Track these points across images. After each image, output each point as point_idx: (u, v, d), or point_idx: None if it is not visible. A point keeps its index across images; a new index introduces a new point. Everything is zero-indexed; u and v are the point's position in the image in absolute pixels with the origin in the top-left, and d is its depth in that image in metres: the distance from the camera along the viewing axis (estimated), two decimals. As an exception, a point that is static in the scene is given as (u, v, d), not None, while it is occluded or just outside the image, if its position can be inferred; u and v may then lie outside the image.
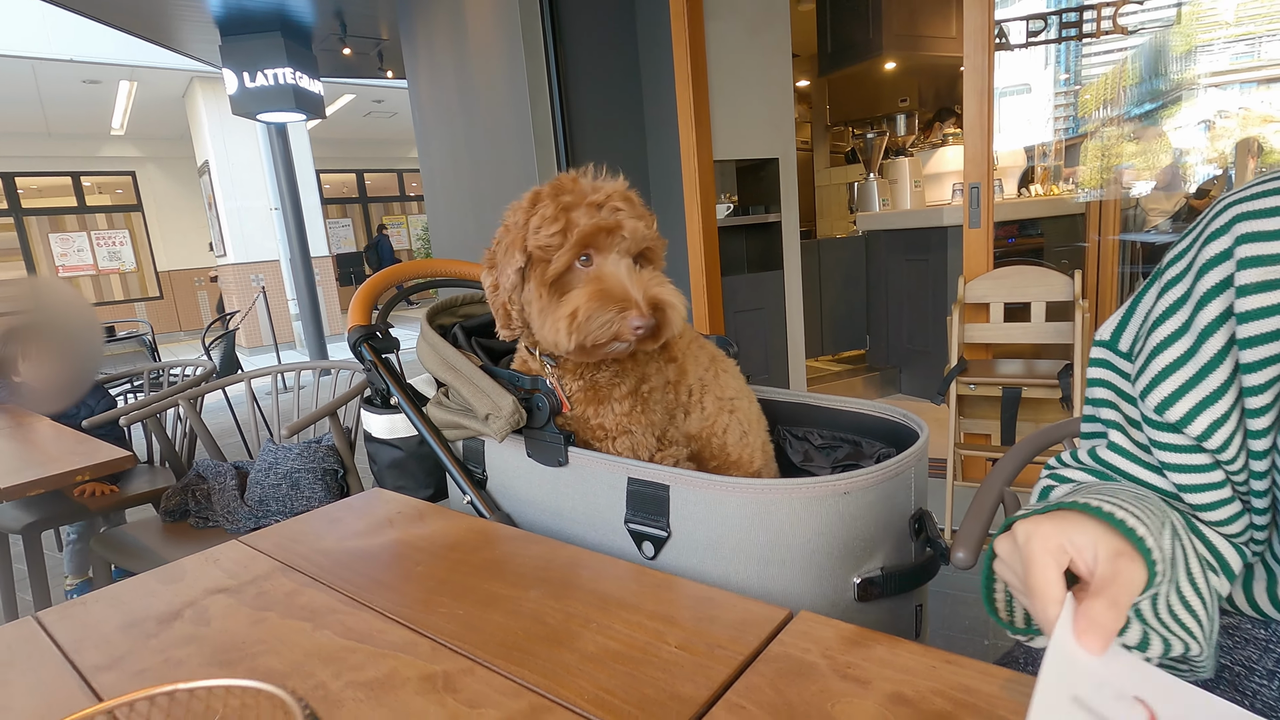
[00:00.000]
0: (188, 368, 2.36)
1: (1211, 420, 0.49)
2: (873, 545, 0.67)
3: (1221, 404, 0.48)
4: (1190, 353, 0.49)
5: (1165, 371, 0.50)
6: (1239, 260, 0.46)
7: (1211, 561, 0.52)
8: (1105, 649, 0.37)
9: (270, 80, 5.37)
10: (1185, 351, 0.49)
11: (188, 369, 2.34)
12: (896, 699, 0.45)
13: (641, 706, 0.47)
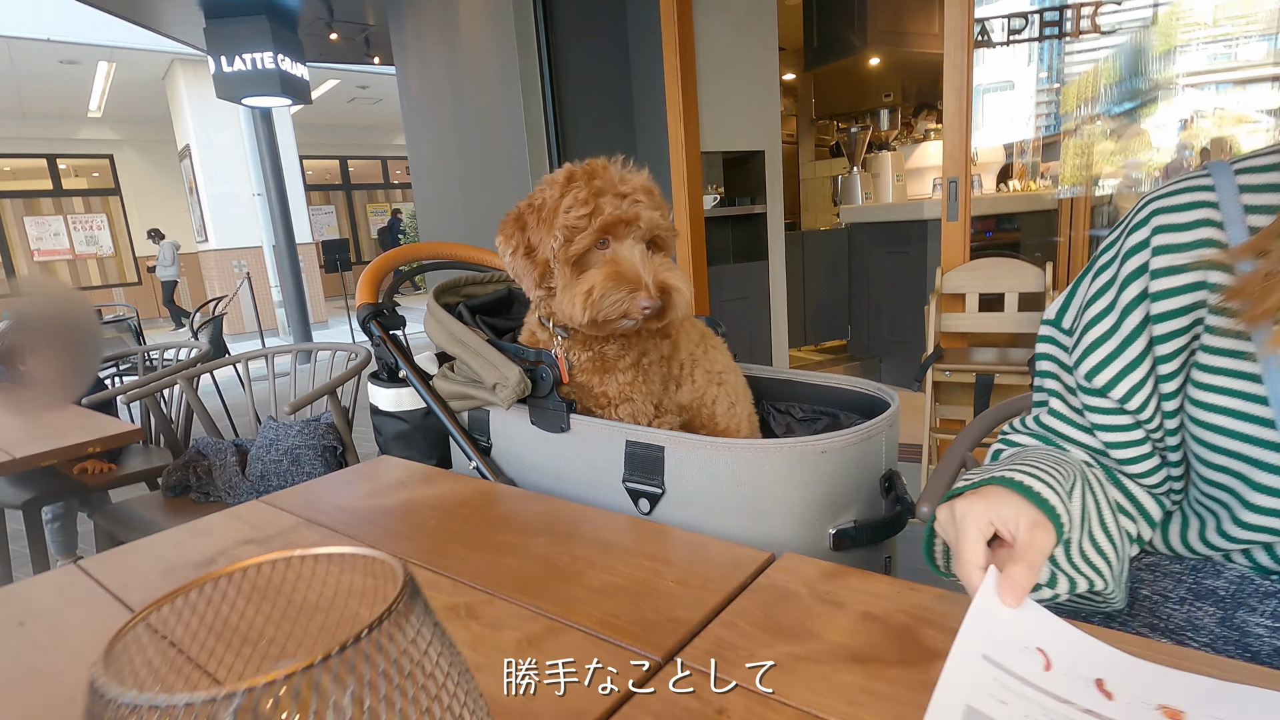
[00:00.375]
0: (181, 350, 2.39)
1: (1130, 385, 0.57)
2: (847, 500, 0.74)
3: (1139, 371, 0.56)
4: (1114, 328, 0.57)
5: (1093, 344, 0.58)
6: (1154, 248, 0.55)
7: (1130, 510, 0.60)
8: (1020, 603, 0.46)
9: (255, 64, 5.33)
10: (1110, 327, 0.57)
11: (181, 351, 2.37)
12: (866, 616, 0.53)
13: (643, 627, 0.54)
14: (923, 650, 0.48)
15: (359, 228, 13.75)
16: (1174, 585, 0.59)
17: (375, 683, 0.23)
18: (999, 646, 0.43)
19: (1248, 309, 0.49)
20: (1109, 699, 0.40)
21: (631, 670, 0.48)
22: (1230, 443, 0.53)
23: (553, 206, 0.80)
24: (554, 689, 0.47)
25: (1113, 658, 0.43)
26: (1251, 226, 0.51)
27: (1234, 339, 0.51)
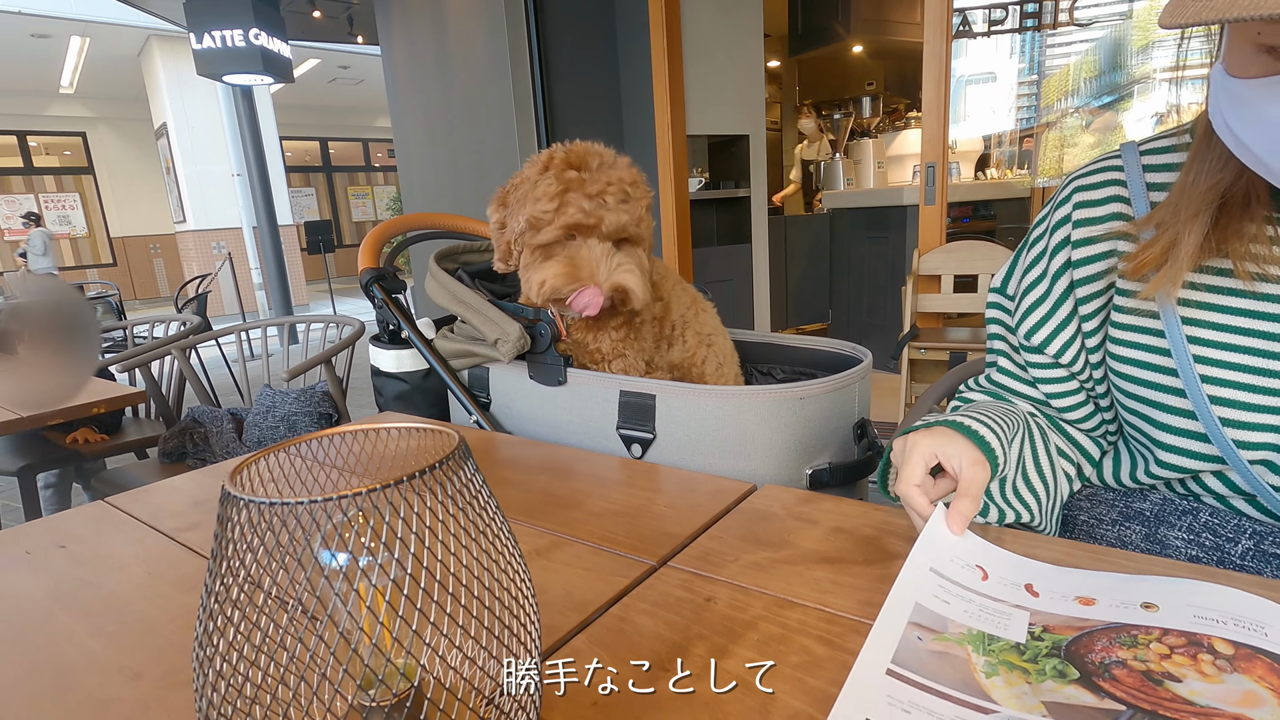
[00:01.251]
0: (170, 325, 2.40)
1: (1062, 342, 0.65)
2: (822, 444, 0.81)
3: (1068, 330, 0.64)
4: (1046, 293, 0.65)
5: (1030, 308, 0.66)
6: (1074, 221, 0.63)
7: (1070, 452, 0.68)
8: (963, 530, 0.53)
9: (236, 41, 5.26)
10: (1043, 292, 0.65)
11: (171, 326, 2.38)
12: (836, 530, 0.60)
13: (640, 540, 0.60)
14: (884, 553, 0.55)
15: (340, 211, 13.60)
16: (1107, 510, 0.67)
17: (445, 503, 0.30)
18: (945, 563, 0.50)
19: (1135, 266, 0.57)
20: (1035, 596, 0.48)
21: (631, 573, 0.55)
22: (1141, 390, 0.61)
23: (526, 191, 0.84)
24: (564, 584, 0.54)
25: (1041, 568, 0.51)
26: (1152, 201, 0.59)
27: (1139, 283, 0.59)
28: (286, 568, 0.28)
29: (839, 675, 0.41)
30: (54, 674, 0.46)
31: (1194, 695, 0.36)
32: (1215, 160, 0.53)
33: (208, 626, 0.29)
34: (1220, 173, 0.53)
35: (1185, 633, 0.41)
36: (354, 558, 0.30)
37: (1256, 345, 0.54)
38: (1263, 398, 0.54)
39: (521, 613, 0.34)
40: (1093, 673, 0.39)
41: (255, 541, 0.28)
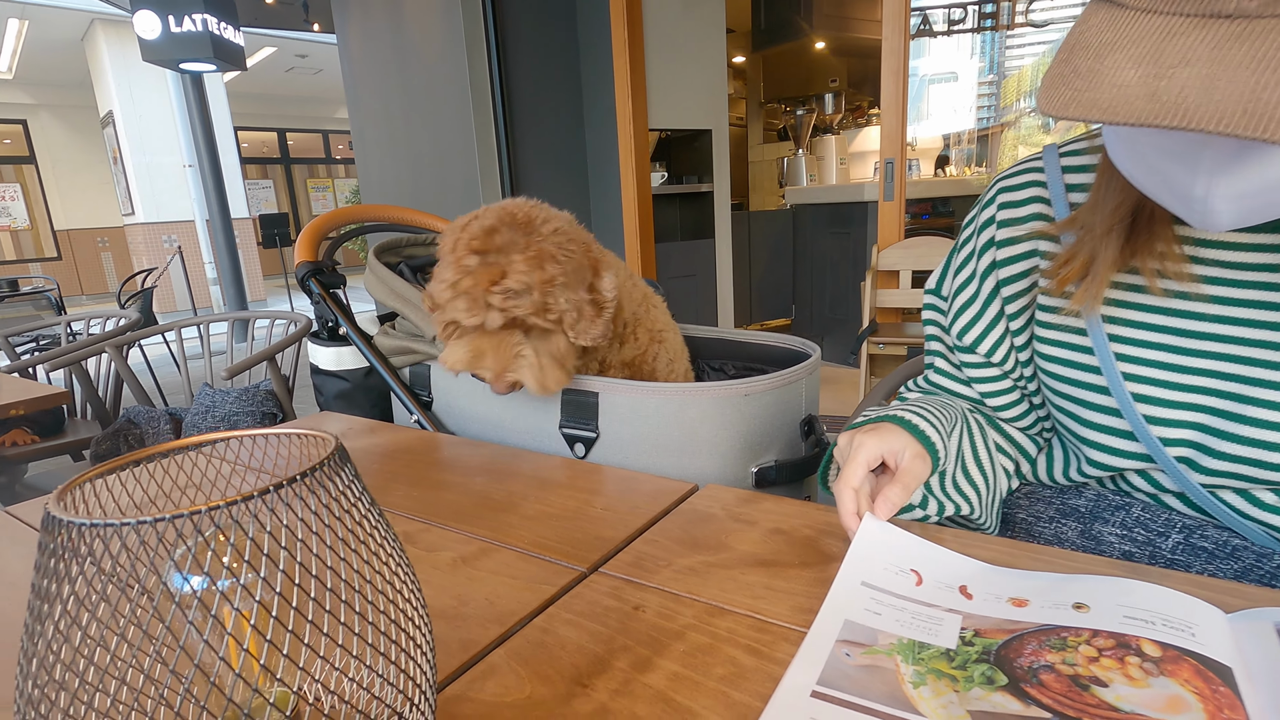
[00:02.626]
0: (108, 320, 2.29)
1: (992, 342, 0.65)
2: (768, 441, 0.80)
3: (997, 329, 0.65)
4: (975, 294, 0.65)
5: (961, 308, 0.66)
6: (998, 222, 0.63)
7: (1008, 449, 0.68)
8: (888, 516, 0.53)
9: (185, 26, 5.06)
10: (973, 293, 0.65)
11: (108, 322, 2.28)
12: (775, 531, 0.58)
13: (573, 545, 0.58)
14: (821, 555, 0.54)
15: (299, 203, 13.25)
16: (1045, 508, 0.67)
17: (320, 513, 0.27)
18: (877, 573, 0.49)
19: (1055, 278, 0.58)
20: (969, 599, 0.46)
21: (559, 580, 0.52)
22: (1068, 388, 0.61)
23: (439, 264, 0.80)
24: (487, 593, 0.51)
25: (976, 568, 0.50)
26: (1072, 203, 0.59)
27: (1063, 299, 0.59)
28: (126, 596, 0.25)
29: (765, 688, 0.39)
30: (-86, 706, 0.42)
31: (1119, 701, 0.35)
32: (1119, 179, 0.52)
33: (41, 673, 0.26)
34: (1124, 192, 0.53)
35: (1114, 634, 0.40)
36: (211, 580, 0.27)
37: (1176, 343, 0.55)
38: (1182, 394, 0.54)
39: (411, 627, 0.31)
40: (1021, 679, 0.38)
41: (76, 570, 0.24)
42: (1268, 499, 0.55)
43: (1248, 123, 0.32)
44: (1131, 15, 0.38)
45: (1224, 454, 0.54)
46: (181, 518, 0.24)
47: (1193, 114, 0.34)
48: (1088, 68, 0.38)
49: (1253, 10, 0.34)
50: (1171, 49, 0.35)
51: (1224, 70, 0.34)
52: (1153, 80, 0.35)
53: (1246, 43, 0.34)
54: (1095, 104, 0.36)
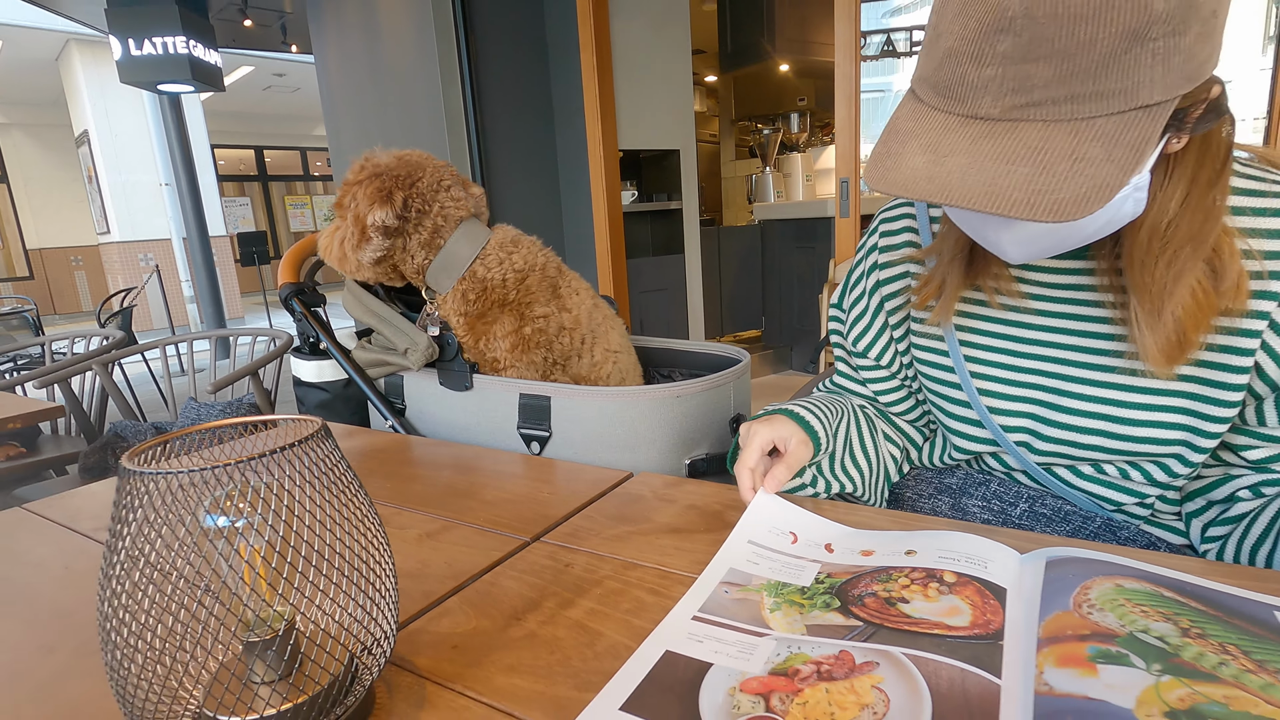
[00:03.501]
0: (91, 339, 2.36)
1: (880, 348, 0.78)
2: (700, 436, 0.91)
3: (883, 338, 0.77)
4: (865, 308, 0.78)
5: (855, 320, 0.79)
6: (880, 248, 0.76)
7: (897, 438, 0.80)
8: (776, 490, 0.64)
9: (163, 49, 5.13)
10: (864, 308, 0.78)
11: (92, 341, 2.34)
12: (690, 507, 0.69)
13: (522, 521, 0.69)
14: (722, 523, 0.65)
15: (277, 220, 13.24)
16: (925, 486, 0.79)
17: (308, 471, 0.38)
18: (762, 534, 0.61)
19: (918, 297, 0.70)
20: (830, 553, 0.58)
21: (506, 548, 0.63)
22: (934, 385, 0.73)
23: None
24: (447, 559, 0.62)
25: (841, 530, 0.62)
26: (934, 233, 0.71)
27: (926, 311, 0.72)
28: (173, 528, 0.36)
29: (660, 617, 0.50)
30: (-25, 652, 0.52)
31: (913, 612, 0.47)
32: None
33: (110, 588, 0.37)
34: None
35: (927, 569, 0.52)
36: (231, 520, 0.38)
37: (1011, 348, 0.67)
38: (1017, 389, 0.67)
39: (379, 566, 0.42)
40: (850, 602, 0.49)
41: (139, 507, 0.35)
42: (1087, 471, 0.68)
43: (989, 202, 0.45)
44: (926, 109, 0.50)
45: (1051, 437, 0.67)
46: (211, 469, 0.35)
47: (954, 194, 0.46)
48: (894, 150, 0.50)
49: (995, 114, 0.47)
50: (945, 141, 0.48)
51: (975, 161, 0.46)
52: (932, 165, 0.47)
53: (991, 140, 0.46)
54: (895, 182, 0.49)
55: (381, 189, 0.96)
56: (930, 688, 0.39)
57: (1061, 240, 0.55)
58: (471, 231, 1.03)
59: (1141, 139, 0.45)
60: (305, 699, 0.40)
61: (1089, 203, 0.44)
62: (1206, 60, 0.45)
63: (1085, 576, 0.47)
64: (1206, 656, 0.36)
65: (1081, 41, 0.43)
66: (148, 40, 5.11)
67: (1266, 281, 0.55)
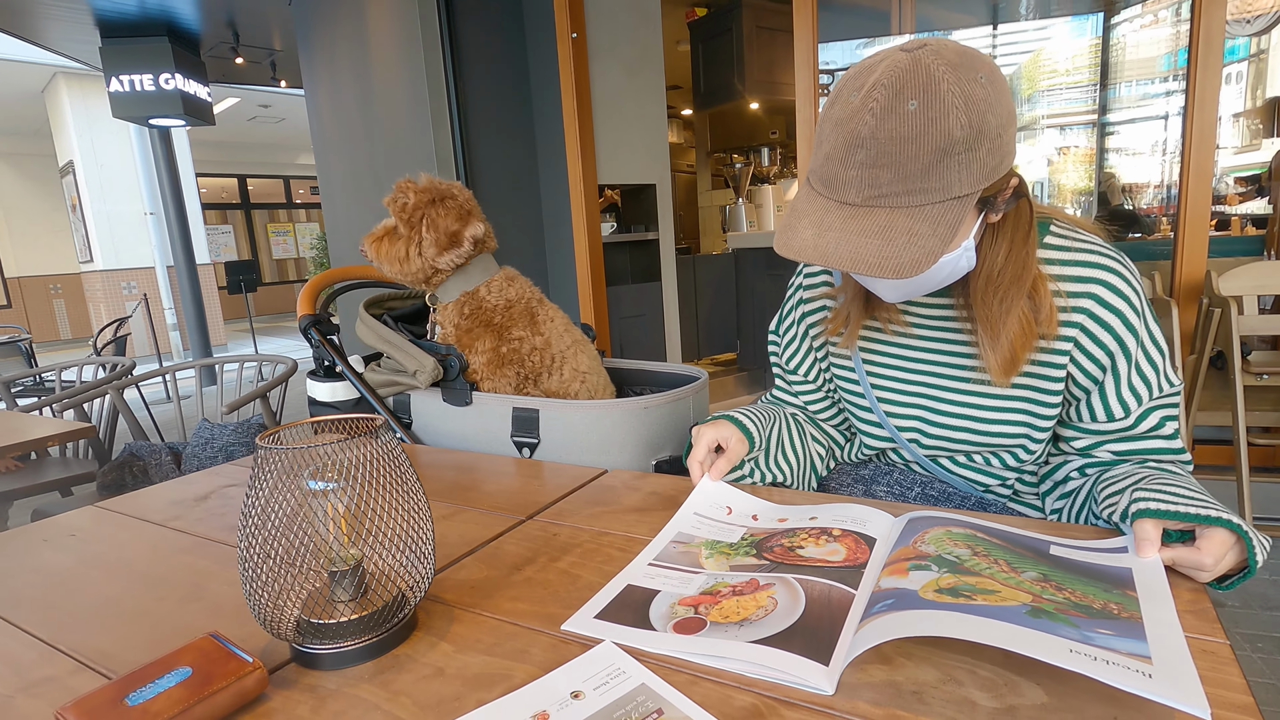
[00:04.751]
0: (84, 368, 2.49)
1: (807, 366, 0.97)
2: (664, 441, 1.09)
3: (809, 359, 0.96)
4: (795, 334, 0.97)
5: (788, 343, 0.98)
6: (804, 285, 0.95)
7: (823, 439, 0.99)
8: (718, 479, 0.82)
9: (155, 85, 5.30)
10: (794, 334, 0.97)
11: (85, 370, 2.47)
12: (652, 494, 0.87)
13: (517, 506, 0.86)
14: (676, 504, 0.83)
15: (259, 249, 13.31)
16: (845, 477, 0.97)
17: (376, 457, 0.55)
18: (705, 507, 0.79)
19: (831, 326, 0.89)
20: (755, 520, 0.76)
21: (506, 524, 0.80)
22: (847, 395, 0.92)
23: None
24: (460, 532, 0.79)
25: (766, 505, 0.80)
26: (843, 277, 0.90)
27: (837, 337, 0.91)
28: (288, 488, 0.53)
29: (625, 567, 0.68)
30: (102, 603, 0.68)
31: (805, 554, 0.65)
32: None
33: (247, 528, 0.53)
34: None
35: (821, 528, 0.70)
36: (326, 486, 0.55)
37: (901, 365, 0.87)
38: (906, 397, 0.86)
39: (422, 526, 0.59)
40: (763, 551, 0.67)
41: (266, 474, 0.52)
42: (961, 460, 0.87)
43: (853, 265, 0.64)
44: (814, 195, 0.70)
45: (933, 435, 0.86)
46: (313, 448, 0.52)
47: (831, 259, 0.65)
48: (793, 225, 0.69)
49: (858, 202, 0.66)
50: (826, 219, 0.67)
51: (846, 236, 0.65)
52: (816, 238, 0.67)
53: (855, 220, 0.66)
54: (792, 248, 0.68)
55: (461, 210, 1.20)
56: (805, 593, 0.57)
57: (919, 286, 0.74)
58: (486, 263, 1.25)
59: (956, 219, 0.64)
60: (369, 613, 0.56)
61: (920, 265, 0.63)
62: (998, 165, 0.65)
63: (928, 526, 0.65)
64: (979, 563, 0.55)
65: (909, 156, 0.63)
66: (141, 77, 5.28)
67: (1070, 314, 0.75)
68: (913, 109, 0.62)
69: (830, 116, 0.67)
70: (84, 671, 0.56)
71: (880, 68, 0.64)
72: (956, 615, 0.45)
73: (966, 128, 0.62)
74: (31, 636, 0.62)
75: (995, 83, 0.64)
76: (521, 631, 0.58)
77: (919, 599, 0.49)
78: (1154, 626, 0.46)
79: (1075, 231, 0.78)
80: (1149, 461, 0.76)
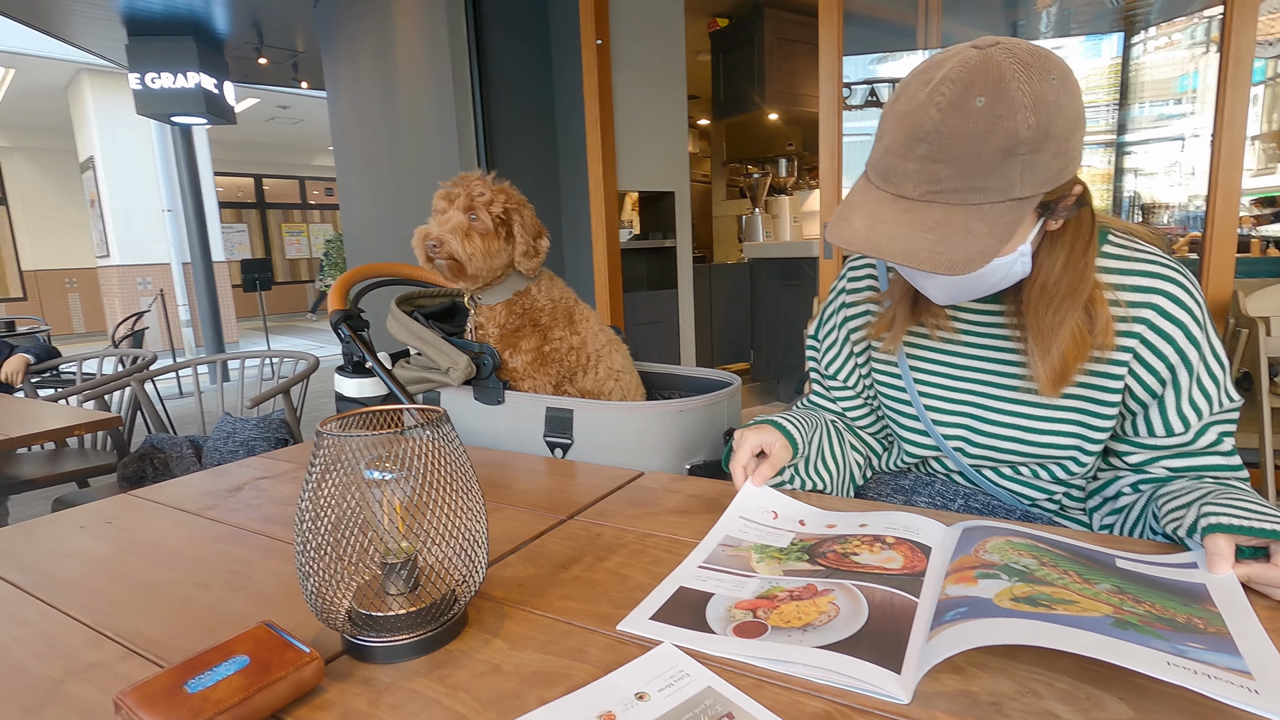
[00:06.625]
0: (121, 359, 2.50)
1: (847, 372, 0.95)
2: (698, 445, 1.08)
3: (850, 364, 0.95)
4: (835, 339, 0.96)
5: (828, 349, 0.97)
6: (847, 290, 0.94)
7: (861, 447, 0.97)
8: (761, 483, 0.81)
9: (180, 84, 5.35)
10: (834, 339, 0.96)
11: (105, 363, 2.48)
12: (693, 496, 0.86)
13: (555, 503, 0.85)
14: (718, 507, 0.82)
15: (273, 248, 13.41)
16: (883, 487, 0.96)
17: (436, 448, 0.54)
18: (750, 511, 0.78)
19: (875, 330, 0.88)
20: (803, 525, 0.75)
21: (548, 522, 0.79)
22: (889, 402, 0.91)
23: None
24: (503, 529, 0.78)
25: (811, 510, 0.78)
26: (890, 279, 0.89)
27: (879, 341, 0.90)
28: (346, 476, 0.52)
29: (673, 568, 0.66)
30: (145, 589, 0.67)
31: (861, 560, 0.64)
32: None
33: (304, 517, 0.53)
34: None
35: (874, 536, 0.69)
36: (383, 476, 0.54)
37: (949, 371, 0.85)
38: (953, 405, 0.85)
39: (476, 522, 0.58)
40: (816, 556, 0.66)
41: (323, 461, 0.52)
42: (1007, 472, 0.85)
43: (902, 257, 0.63)
44: (871, 187, 0.69)
45: (980, 444, 0.84)
46: (372, 436, 0.52)
47: (883, 250, 0.64)
48: (846, 216, 0.69)
49: (914, 196, 0.65)
50: (880, 212, 0.66)
51: (899, 229, 0.65)
52: (868, 229, 0.66)
53: (911, 213, 0.65)
54: (844, 238, 0.67)
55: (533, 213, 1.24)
56: (867, 599, 0.56)
57: (969, 288, 0.73)
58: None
59: (1014, 221, 0.63)
60: (423, 606, 0.55)
61: (972, 263, 0.62)
62: (1062, 170, 0.64)
63: (986, 535, 0.64)
64: (1049, 574, 0.53)
65: (972, 153, 0.62)
66: (165, 75, 5.34)
67: (1130, 324, 0.74)
68: (979, 105, 0.61)
69: (893, 110, 0.67)
70: (133, 658, 0.55)
71: (950, 63, 0.63)
72: (1044, 624, 0.44)
73: (1033, 128, 0.61)
74: (77, 621, 0.61)
75: (1067, 85, 0.63)
76: (575, 630, 0.57)
77: (995, 607, 0.48)
78: (1244, 641, 0.44)
79: (1134, 241, 0.77)
80: (1205, 478, 0.75)
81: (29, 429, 1.47)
